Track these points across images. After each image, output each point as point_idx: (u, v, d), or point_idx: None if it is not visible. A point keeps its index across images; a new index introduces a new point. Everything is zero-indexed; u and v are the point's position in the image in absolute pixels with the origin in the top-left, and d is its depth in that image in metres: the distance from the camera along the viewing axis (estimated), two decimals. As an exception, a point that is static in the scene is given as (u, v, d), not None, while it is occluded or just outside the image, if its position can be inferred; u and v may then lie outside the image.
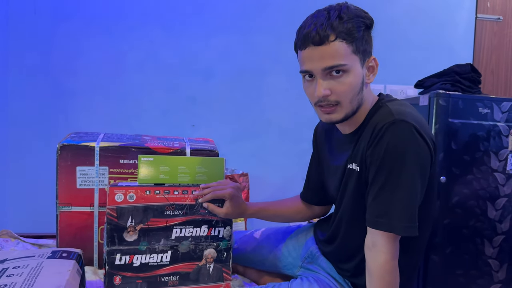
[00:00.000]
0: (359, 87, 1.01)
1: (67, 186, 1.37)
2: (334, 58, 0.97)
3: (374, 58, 1.05)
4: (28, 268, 1.10)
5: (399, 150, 0.93)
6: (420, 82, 2.07)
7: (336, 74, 0.98)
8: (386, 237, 0.95)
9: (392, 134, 0.93)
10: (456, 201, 1.79)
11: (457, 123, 1.76)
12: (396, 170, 0.93)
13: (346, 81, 0.98)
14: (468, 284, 1.81)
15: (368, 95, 1.07)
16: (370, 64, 1.05)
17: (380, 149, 0.94)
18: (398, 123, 0.94)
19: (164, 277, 1.18)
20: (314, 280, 1.16)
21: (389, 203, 0.94)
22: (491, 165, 1.78)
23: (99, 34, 2.28)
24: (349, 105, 1.01)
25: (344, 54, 0.97)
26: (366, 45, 1.02)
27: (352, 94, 1.00)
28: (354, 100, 1.01)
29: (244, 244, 1.44)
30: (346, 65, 0.97)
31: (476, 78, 1.88)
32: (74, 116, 2.26)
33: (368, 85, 1.08)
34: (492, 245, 1.80)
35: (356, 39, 0.98)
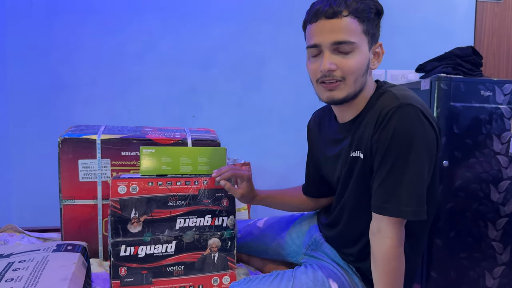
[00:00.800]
0: (365, 68, 1.01)
1: (69, 179, 1.37)
2: (344, 33, 0.97)
3: (381, 44, 1.05)
4: (34, 262, 1.11)
5: (406, 134, 0.92)
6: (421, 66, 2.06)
7: (344, 51, 0.98)
8: (392, 223, 0.95)
9: (399, 118, 0.93)
10: (459, 185, 1.80)
11: (459, 106, 1.75)
12: (403, 154, 0.93)
13: (353, 58, 0.98)
14: (472, 266, 1.82)
15: (370, 81, 1.07)
16: (377, 50, 1.05)
17: (387, 133, 0.94)
18: (405, 107, 0.93)
19: (169, 267, 1.19)
20: (318, 267, 1.16)
21: (397, 187, 0.93)
22: (493, 148, 1.77)
23: (97, 26, 2.27)
24: (353, 84, 1.00)
25: (354, 31, 0.97)
26: (375, 29, 1.02)
27: (358, 74, 0.99)
28: (358, 80, 1.00)
29: (248, 233, 1.45)
30: (355, 43, 0.97)
31: (477, 60, 1.87)
32: (74, 110, 2.26)
33: (371, 73, 1.07)
34: (496, 227, 1.80)
35: (367, 19, 0.98)
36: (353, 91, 1.01)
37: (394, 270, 0.97)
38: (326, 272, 1.14)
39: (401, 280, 0.99)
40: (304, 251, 1.30)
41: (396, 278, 0.98)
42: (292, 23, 2.35)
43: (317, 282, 1.11)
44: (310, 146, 1.34)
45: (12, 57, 2.20)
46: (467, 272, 1.81)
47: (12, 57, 2.20)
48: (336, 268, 1.16)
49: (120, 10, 2.28)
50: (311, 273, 1.13)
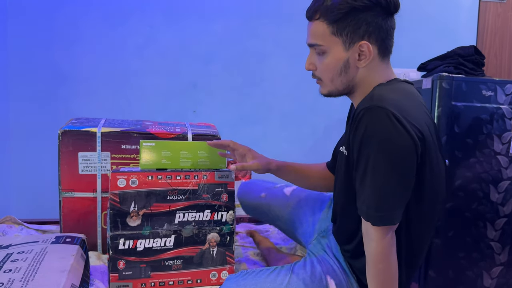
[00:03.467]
0: (339, 69, 1.00)
1: (69, 172, 1.37)
2: (313, 37, 1.00)
3: (366, 43, 0.98)
4: (33, 253, 1.11)
5: (372, 137, 0.89)
6: (423, 65, 2.06)
7: (319, 52, 1.00)
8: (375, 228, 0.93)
9: (367, 120, 0.89)
10: (459, 184, 1.79)
11: (460, 106, 1.75)
12: (370, 157, 0.89)
13: (324, 61, 1.00)
14: (470, 266, 1.82)
15: (371, 78, 1.03)
16: (362, 49, 0.98)
17: (358, 134, 0.91)
18: (375, 109, 0.89)
19: (167, 261, 1.19)
20: (317, 262, 1.16)
21: (366, 191, 0.92)
22: (494, 148, 1.77)
23: (98, 19, 2.26)
24: (330, 83, 1.02)
25: (322, 34, 0.98)
26: (354, 27, 0.97)
27: (331, 75, 1.01)
28: (335, 80, 1.01)
29: (273, 196, 1.43)
30: (322, 46, 0.99)
31: (479, 60, 1.86)
32: (75, 102, 2.25)
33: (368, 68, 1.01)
34: (495, 228, 1.80)
35: (338, 20, 0.96)
36: (335, 89, 1.03)
37: (382, 273, 0.96)
38: (325, 268, 1.14)
39: (391, 282, 0.97)
40: (316, 235, 1.29)
41: (384, 281, 0.97)
42: (293, 19, 2.34)
43: (315, 278, 1.11)
44: None
45: (13, 49, 2.19)
46: (465, 272, 1.81)
47: (13, 49, 2.19)
48: (336, 265, 1.16)
49: (121, 3, 2.27)
50: (309, 268, 1.13)
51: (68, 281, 1.02)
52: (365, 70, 1.02)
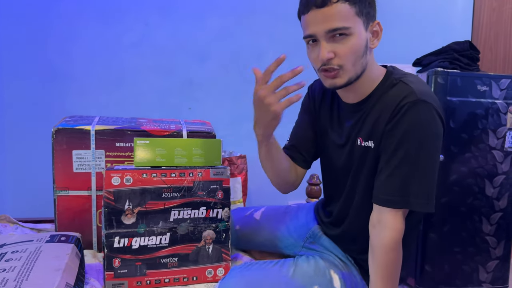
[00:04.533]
0: (363, 50, 0.99)
1: (63, 170, 1.36)
2: (337, 20, 0.95)
3: (378, 22, 1.03)
4: (27, 252, 1.10)
5: (420, 130, 0.93)
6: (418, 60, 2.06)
7: (340, 37, 0.97)
8: (395, 214, 0.96)
9: (415, 114, 0.94)
10: (454, 179, 1.80)
11: (456, 101, 1.75)
12: (416, 149, 0.94)
13: (349, 43, 0.97)
14: (465, 261, 1.82)
15: (372, 62, 1.05)
16: (374, 28, 1.02)
17: (402, 127, 0.94)
18: (421, 104, 0.94)
19: (163, 258, 1.19)
20: (319, 258, 1.16)
21: (406, 180, 0.94)
22: (489, 143, 1.77)
23: (93, 16, 2.24)
24: (352, 68, 0.99)
25: (347, 16, 0.95)
26: (369, 8, 0.99)
27: (355, 57, 0.98)
28: (357, 63, 0.99)
29: (246, 226, 1.44)
30: (350, 27, 0.96)
31: (474, 55, 1.87)
32: (69, 100, 2.24)
33: (372, 52, 1.05)
34: (490, 222, 1.81)
35: (359, 0, 0.96)
36: (354, 75, 1.01)
37: (392, 262, 0.97)
38: (327, 262, 1.14)
39: (397, 273, 1.00)
40: (302, 243, 1.30)
41: (393, 271, 0.98)
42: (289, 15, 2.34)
43: (319, 271, 1.10)
44: (309, 108, 1.28)
45: (6, 47, 2.17)
46: (461, 266, 1.82)
47: (6, 47, 2.17)
48: (337, 260, 1.16)
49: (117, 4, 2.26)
50: (312, 262, 1.13)
51: (62, 280, 1.01)
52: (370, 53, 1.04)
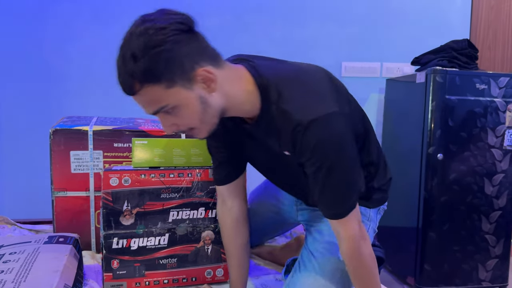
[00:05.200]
0: (199, 109, 0.87)
1: (61, 171, 1.35)
2: (152, 105, 0.86)
3: (203, 69, 0.85)
4: (25, 253, 1.10)
5: (326, 146, 0.87)
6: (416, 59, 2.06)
7: (171, 111, 0.87)
8: (344, 223, 0.93)
9: (313, 136, 0.86)
10: (453, 178, 1.80)
11: (454, 99, 1.75)
12: (331, 165, 0.88)
13: (180, 114, 0.87)
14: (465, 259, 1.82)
15: (230, 91, 0.91)
16: (200, 77, 0.85)
17: (307, 150, 0.88)
18: (312, 124, 0.85)
19: (162, 259, 1.18)
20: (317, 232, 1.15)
21: (337, 192, 0.92)
22: (488, 141, 1.77)
23: (91, 17, 2.23)
24: (204, 124, 0.91)
25: (159, 96, 0.84)
26: (178, 67, 0.83)
27: (197, 119, 0.88)
28: (205, 118, 0.89)
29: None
30: (168, 104, 0.85)
31: (473, 54, 1.87)
32: (67, 101, 2.23)
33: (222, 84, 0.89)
34: (489, 220, 1.81)
35: (161, 74, 0.82)
36: (212, 125, 0.92)
37: (361, 269, 0.97)
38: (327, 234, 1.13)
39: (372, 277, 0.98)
40: (296, 208, 1.26)
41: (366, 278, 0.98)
42: (287, 14, 2.33)
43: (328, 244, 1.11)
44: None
45: (4, 48, 2.16)
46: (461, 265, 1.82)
47: (4, 48, 2.16)
48: None
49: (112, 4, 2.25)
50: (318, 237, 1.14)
51: (61, 281, 1.01)
52: (219, 90, 0.89)
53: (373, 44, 2.44)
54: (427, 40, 2.22)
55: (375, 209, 1.17)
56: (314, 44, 2.36)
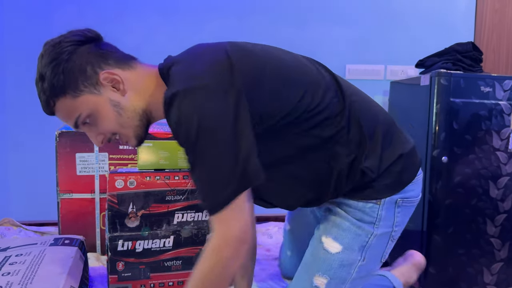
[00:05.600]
0: (113, 111, 0.86)
1: (67, 173, 1.36)
2: (68, 118, 0.86)
3: (106, 72, 0.85)
4: (31, 255, 1.10)
5: (184, 127, 0.75)
6: (421, 62, 2.05)
7: (89, 119, 0.86)
8: (218, 222, 0.77)
9: (173, 115, 0.76)
10: (458, 181, 1.79)
11: (459, 102, 1.74)
12: (192, 149, 0.76)
13: (97, 122, 0.87)
14: (470, 263, 1.81)
15: (146, 86, 0.88)
16: (104, 81, 0.85)
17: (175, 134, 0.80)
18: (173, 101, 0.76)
19: (167, 262, 1.18)
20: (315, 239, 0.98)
21: (201, 183, 0.77)
22: (493, 144, 1.77)
23: (94, 18, 2.24)
24: (126, 129, 0.88)
25: (70, 108, 0.85)
26: (81, 75, 0.84)
27: (115, 123, 0.87)
28: (124, 122, 0.87)
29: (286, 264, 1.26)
30: (81, 114, 0.85)
31: (477, 56, 1.86)
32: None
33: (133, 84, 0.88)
34: (494, 224, 1.80)
35: (65, 85, 0.84)
36: (136, 128, 0.88)
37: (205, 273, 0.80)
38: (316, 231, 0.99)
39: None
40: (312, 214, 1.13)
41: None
42: (291, 17, 2.34)
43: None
44: None
45: (9, 50, 2.18)
46: (465, 269, 1.81)
47: (9, 50, 2.18)
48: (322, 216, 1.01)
49: (117, 2, 2.26)
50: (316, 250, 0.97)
51: (66, 283, 1.01)
52: (133, 91, 0.87)
53: (377, 46, 2.44)
54: (431, 43, 2.22)
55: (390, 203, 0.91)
56: (318, 46, 2.36)
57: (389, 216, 0.92)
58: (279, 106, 0.83)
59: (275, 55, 0.90)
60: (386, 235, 0.93)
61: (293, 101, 0.84)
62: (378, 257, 0.96)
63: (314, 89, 0.87)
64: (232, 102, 0.76)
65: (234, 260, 0.78)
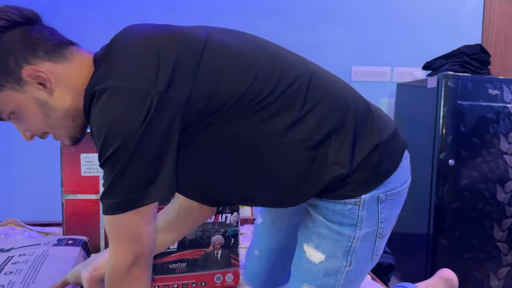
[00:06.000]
0: (39, 112, 0.77)
1: (71, 173, 1.35)
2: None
3: (30, 67, 0.74)
4: (34, 255, 1.10)
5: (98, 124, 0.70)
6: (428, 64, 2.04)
7: (13, 116, 0.79)
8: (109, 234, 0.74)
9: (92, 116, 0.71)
10: (465, 185, 1.78)
11: (466, 105, 1.73)
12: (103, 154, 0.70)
13: (22, 118, 0.79)
14: (476, 267, 1.80)
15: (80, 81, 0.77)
16: (28, 78, 0.74)
17: None
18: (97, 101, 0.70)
19: (171, 264, 1.18)
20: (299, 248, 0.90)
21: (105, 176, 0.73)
22: (500, 148, 1.75)
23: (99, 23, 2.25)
24: (57, 130, 0.81)
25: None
26: (0, 68, 0.74)
27: (42, 124, 0.79)
28: (52, 123, 0.79)
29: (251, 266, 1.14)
30: (4, 110, 0.77)
31: (485, 59, 1.85)
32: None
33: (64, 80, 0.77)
34: (501, 228, 1.79)
35: None
36: (69, 128, 0.81)
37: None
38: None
39: None
40: None
41: None
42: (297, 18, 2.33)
43: None
44: None
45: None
46: (472, 273, 1.79)
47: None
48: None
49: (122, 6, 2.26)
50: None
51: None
52: (63, 88, 0.77)
53: (384, 48, 2.43)
54: (439, 45, 2.21)
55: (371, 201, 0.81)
56: (324, 47, 2.35)
57: (371, 215, 0.82)
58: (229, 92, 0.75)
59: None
60: (371, 234, 0.84)
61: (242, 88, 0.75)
62: (367, 258, 0.88)
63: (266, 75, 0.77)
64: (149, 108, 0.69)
65: (134, 283, 0.75)
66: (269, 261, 1.05)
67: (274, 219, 1.05)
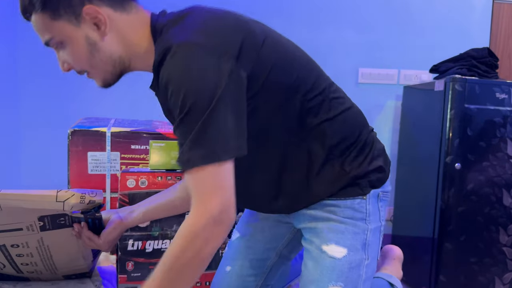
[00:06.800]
0: (86, 50, 0.82)
1: (78, 171, 1.36)
2: (41, 33, 0.82)
3: (92, 7, 0.79)
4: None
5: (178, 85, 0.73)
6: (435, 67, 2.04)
7: (59, 46, 0.83)
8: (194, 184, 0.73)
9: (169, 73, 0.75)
10: (471, 188, 1.77)
11: (473, 108, 1.73)
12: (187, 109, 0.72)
13: (67, 51, 0.83)
14: (481, 272, 1.79)
15: (133, 35, 0.84)
16: (87, 16, 0.79)
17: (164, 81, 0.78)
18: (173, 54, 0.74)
19: (176, 263, 1.18)
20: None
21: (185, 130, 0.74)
22: (507, 152, 1.74)
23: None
24: (95, 70, 0.85)
25: (45, 26, 0.80)
26: (64, 2, 0.79)
27: (85, 61, 0.84)
28: (94, 63, 0.84)
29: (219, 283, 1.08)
30: (53, 37, 0.81)
31: (493, 62, 1.84)
32: (85, 102, 2.26)
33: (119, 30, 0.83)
34: (507, 232, 1.78)
35: (47, 5, 0.78)
36: (105, 73, 0.86)
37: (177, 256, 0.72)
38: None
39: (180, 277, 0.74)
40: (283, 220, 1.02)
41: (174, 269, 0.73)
42: (304, 20, 2.33)
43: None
44: None
45: (23, 49, 2.20)
46: (477, 277, 1.78)
47: (23, 49, 2.20)
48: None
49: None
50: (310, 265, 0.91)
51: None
52: (115, 35, 0.83)
53: (391, 50, 2.42)
54: (446, 48, 2.20)
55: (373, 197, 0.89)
56: (331, 49, 2.35)
57: (375, 210, 0.90)
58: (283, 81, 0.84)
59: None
60: (377, 230, 0.91)
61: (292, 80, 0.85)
62: (376, 255, 0.93)
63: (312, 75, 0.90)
64: (226, 69, 0.73)
65: (209, 244, 0.72)
66: (240, 277, 1.04)
67: (255, 231, 1.06)
